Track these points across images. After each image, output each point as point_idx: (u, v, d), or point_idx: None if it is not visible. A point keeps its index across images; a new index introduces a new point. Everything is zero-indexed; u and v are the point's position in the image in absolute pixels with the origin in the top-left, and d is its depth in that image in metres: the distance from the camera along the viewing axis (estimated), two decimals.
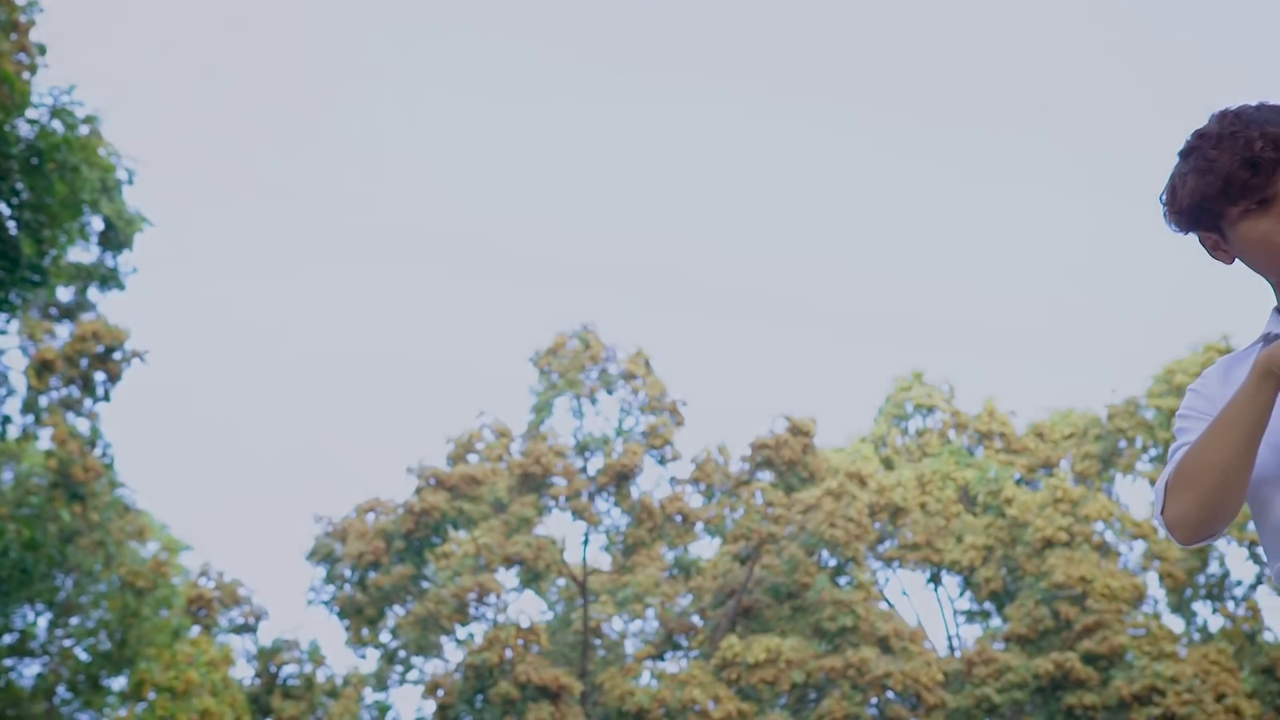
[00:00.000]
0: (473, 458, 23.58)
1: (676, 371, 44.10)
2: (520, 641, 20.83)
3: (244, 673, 23.61)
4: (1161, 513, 2.29)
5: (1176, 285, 40.56)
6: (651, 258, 39.89)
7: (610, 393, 23.36)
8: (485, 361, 42.24)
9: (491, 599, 22.04)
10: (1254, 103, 2.28)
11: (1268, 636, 25.55)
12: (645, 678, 22.65)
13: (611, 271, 40.19)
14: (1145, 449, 26.82)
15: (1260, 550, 25.10)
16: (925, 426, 28.50)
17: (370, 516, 23.20)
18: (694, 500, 23.74)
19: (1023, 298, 39.67)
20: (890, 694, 22.40)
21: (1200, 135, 2.29)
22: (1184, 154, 2.32)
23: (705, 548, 25.20)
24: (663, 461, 23.19)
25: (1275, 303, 2.36)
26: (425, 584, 23.21)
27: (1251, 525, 25.31)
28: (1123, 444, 27.07)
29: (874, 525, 24.34)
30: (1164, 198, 2.36)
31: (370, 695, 24.07)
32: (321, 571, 23.87)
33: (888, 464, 27.64)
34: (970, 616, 26.69)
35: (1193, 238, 2.37)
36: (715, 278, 41.22)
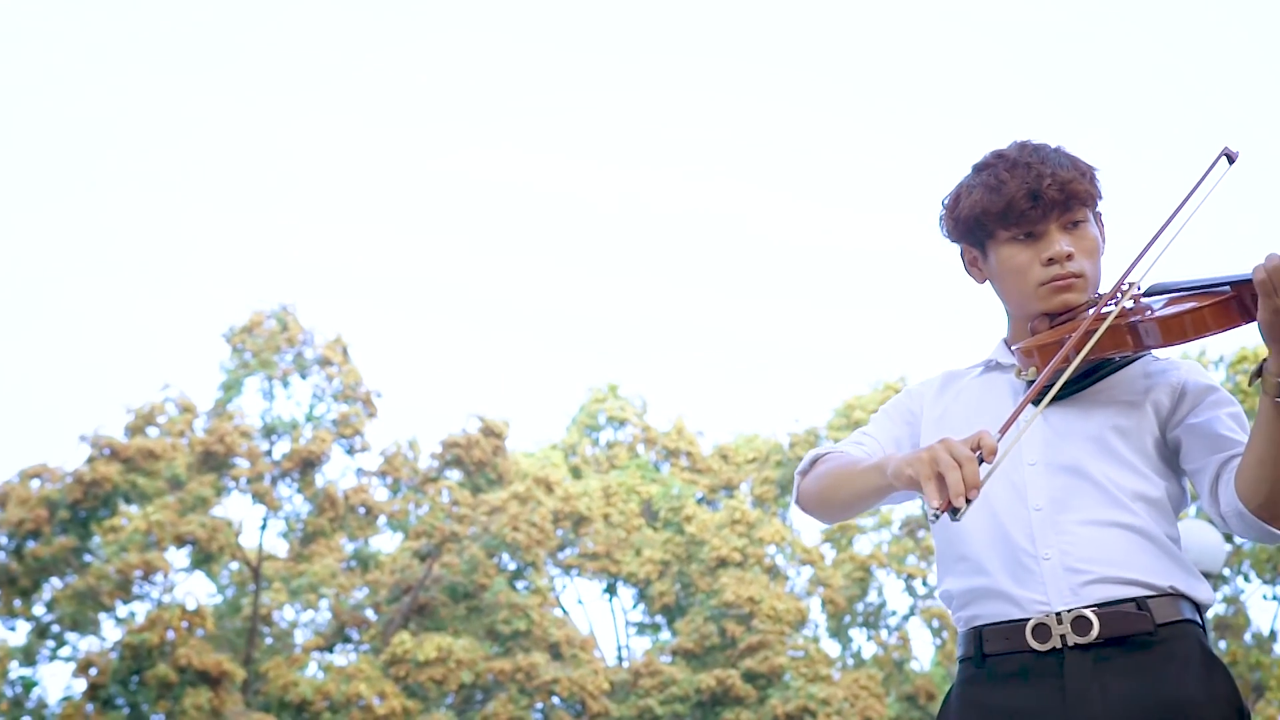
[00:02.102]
0: (152, 431, 22.69)
1: (374, 362, 43.49)
2: (184, 624, 20.14)
3: None
4: (800, 474, 2.45)
5: (860, 326, 42.36)
6: (356, 246, 39.31)
7: (304, 377, 22.86)
8: (176, 333, 40.76)
9: (158, 578, 21.25)
10: (1054, 145, 2.40)
11: (915, 665, 26.96)
12: (312, 669, 22.24)
13: (314, 256, 39.41)
14: None
15: (915, 583, 26.49)
16: (616, 439, 28.96)
17: (35, 483, 22.03)
18: (379, 493, 23.44)
19: (721, 321, 40.78)
20: (556, 700, 22.64)
21: (998, 155, 2.40)
22: (978, 168, 2.42)
23: (386, 542, 24.94)
24: (351, 451, 22.83)
25: (1005, 334, 2.50)
26: (89, 558, 22.20)
27: (911, 559, 26.59)
28: None
29: (557, 532, 24.57)
30: (946, 202, 2.46)
31: (16, 670, 22.85)
32: None
33: (576, 473, 27.95)
34: (641, 629, 27.22)
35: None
36: (421, 273, 40.93)
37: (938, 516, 2.01)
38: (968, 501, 1.97)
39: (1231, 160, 2.20)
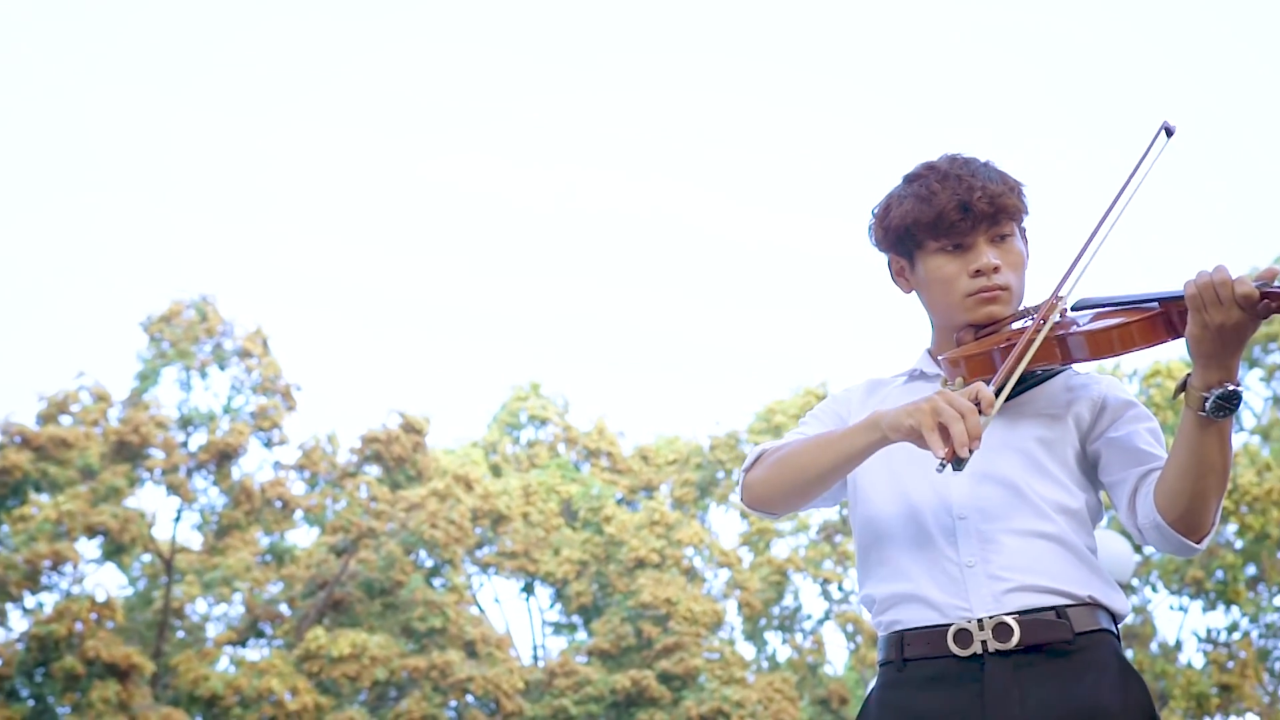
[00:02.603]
0: (65, 419, 22.32)
1: (295, 355, 43.13)
2: (93, 615, 19.83)
3: None
4: (745, 471, 2.45)
5: (784, 330, 42.59)
6: (277, 239, 38.92)
7: (222, 368, 22.59)
8: (93, 322, 40.13)
9: (68, 568, 20.91)
10: (984, 159, 2.43)
11: (828, 670, 27.16)
12: (223, 663, 21.99)
13: (235, 248, 38.95)
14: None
15: (830, 588, 26.68)
16: (537, 438, 28.91)
17: None
18: (296, 487, 23.21)
19: (645, 322, 40.83)
20: (471, 698, 22.55)
21: (929, 167, 2.43)
22: (909, 179, 2.45)
23: (302, 536, 24.73)
24: (269, 444, 22.59)
25: (930, 344, 2.53)
26: None
27: (828, 563, 26.78)
28: (720, 474, 28.22)
29: (475, 530, 24.48)
30: (876, 211, 2.49)
31: None
32: None
33: (496, 471, 27.87)
34: (558, 628, 27.19)
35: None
36: (343, 268, 40.60)
37: (944, 467, 2.07)
38: (970, 452, 2.03)
39: (1170, 134, 2.23)
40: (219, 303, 22.66)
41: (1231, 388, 2.09)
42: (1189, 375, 2.13)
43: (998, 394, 2.15)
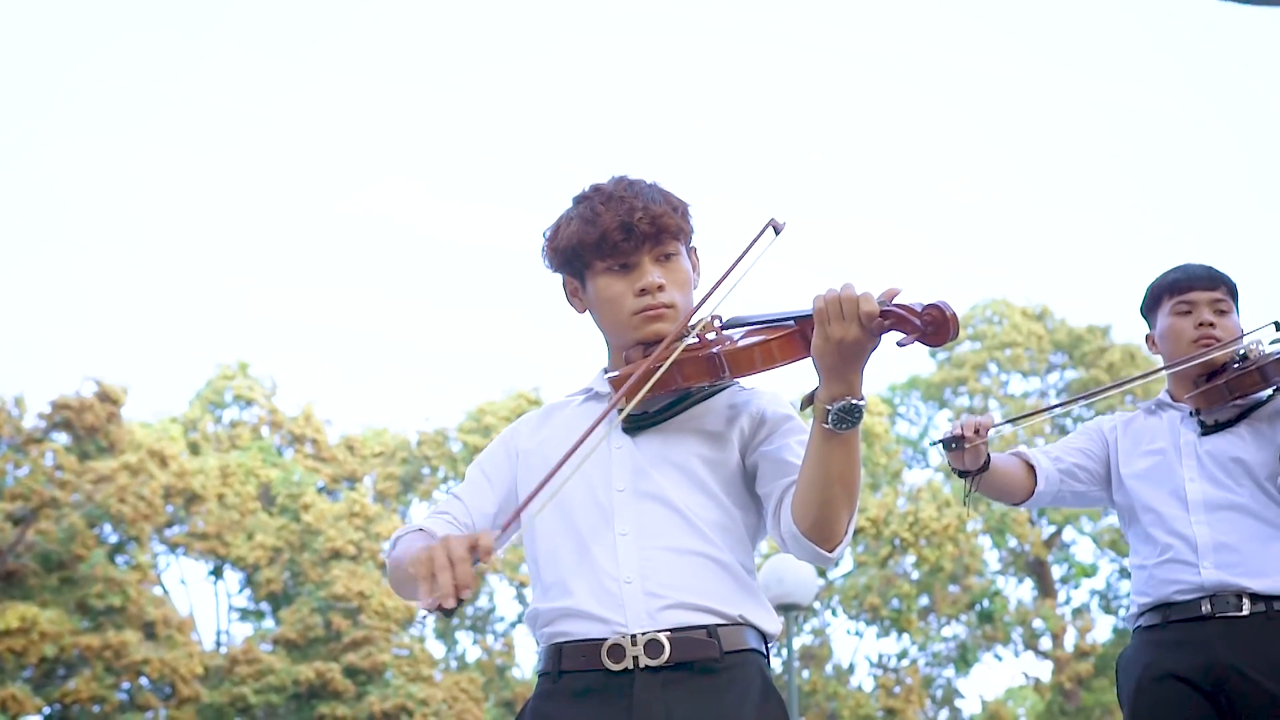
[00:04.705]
0: None
1: None
2: None
3: None
4: (388, 553, 2.49)
5: (500, 331, 42.55)
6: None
7: None
8: None
9: None
10: (650, 181, 2.49)
11: (516, 673, 27.27)
12: None
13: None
14: (446, 479, 27.94)
15: (526, 591, 26.81)
16: (240, 418, 28.13)
17: None
18: None
19: (361, 312, 40.21)
20: (145, 681, 21.78)
21: (595, 189, 2.48)
22: (577, 201, 2.50)
23: None
24: None
25: (606, 363, 2.57)
26: None
27: (525, 566, 26.84)
28: (426, 470, 28.05)
29: (167, 508, 23.67)
30: (547, 234, 2.53)
31: None
32: None
33: (194, 449, 27.00)
34: (245, 614, 26.52)
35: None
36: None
37: (429, 614, 2.04)
38: (460, 601, 2.00)
39: (778, 231, 2.30)
40: None
41: (853, 401, 2.18)
42: (816, 389, 2.22)
43: (618, 414, 2.17)
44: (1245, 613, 3.32)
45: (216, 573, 25.80)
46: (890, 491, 25.50)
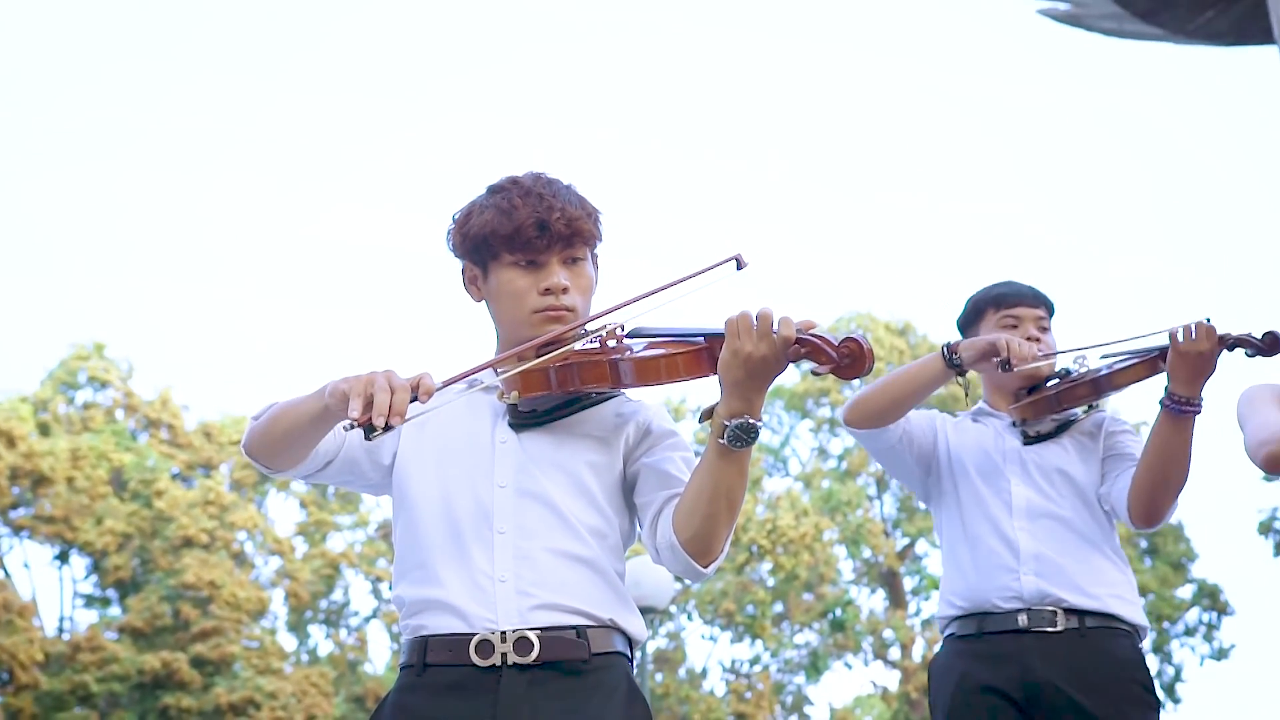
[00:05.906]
0: None
1: None
2: None
3: None
4: (253, 419, 2.44)
5: (357, 323, 42.08)
6: None
7: None
8: None
9: None
10: (567, 182, 2.50)
11: (368, 668, 27.00)
12: None
13: None
14: None
15: (381, 586, 26.55)
16: (94, 400, 27.40)
17: None
18: None
19: (225, 299, 39.46)
20: None
21: (513, 181, 2.48)
22: (492, 190, 2.49)
23: None
24: None
25: (493, 355, 2.55)
26: None
27: (382, 562, 26.55)
28: None
29: (12, 490, 23.02)
30: (456, 217, 2.52)
31: None
32: None
33: (44, 430, 26.24)
34: (90, 601, 25.85)
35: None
36: None
37: (351, 427, 2.06)
38: (388, 427, 2.03)
39: (739, 267, 2.31)
40: None
41: (751, 421, 2.21)
42: (717, 404, 2.24)
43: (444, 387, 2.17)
44: (1059, 628, 3.35)
45: (62, 557, 25.09)
46: (749, 499, 25.76)
